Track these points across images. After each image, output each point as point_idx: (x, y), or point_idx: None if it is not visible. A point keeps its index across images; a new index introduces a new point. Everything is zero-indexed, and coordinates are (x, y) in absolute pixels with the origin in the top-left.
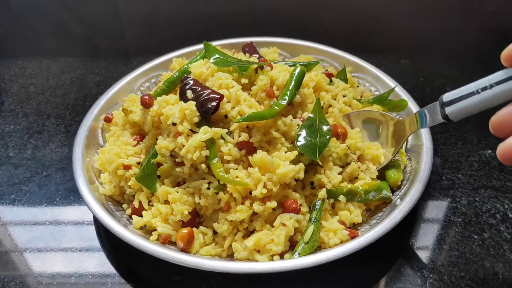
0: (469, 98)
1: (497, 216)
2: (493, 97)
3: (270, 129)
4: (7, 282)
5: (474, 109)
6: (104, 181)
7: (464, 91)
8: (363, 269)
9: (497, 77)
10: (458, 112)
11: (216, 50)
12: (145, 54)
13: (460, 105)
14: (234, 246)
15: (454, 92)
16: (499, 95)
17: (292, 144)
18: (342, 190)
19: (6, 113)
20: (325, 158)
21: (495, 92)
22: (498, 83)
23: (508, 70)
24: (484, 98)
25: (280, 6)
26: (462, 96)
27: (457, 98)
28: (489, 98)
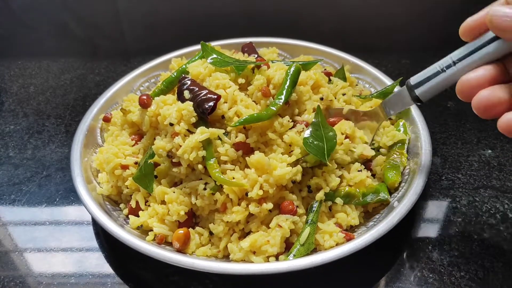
0: (436, 77)
1: (497, 216)
2: (458, 72)
3: (267, 130)
4: (7, 282)
5: (442, 87)
6: (101, 180)
7: (430, 72)
8: (363, 269)
9: (458, 53)
10: (427, 91)
11: (213, 50)
12: (145, 54)
13: (428, 85)
14: (230, 247)
15: (420, 75)
16: (462, 69)
17: (290, 146)
18: (339, 193)
19: (6, 113)
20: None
21: (459, 67)
22: (460, 59)
23: (467, 46)
24: (450, 75)
25: (280, 6)
26: (428, 76)
27: (425, 79)
28: (454, 74)
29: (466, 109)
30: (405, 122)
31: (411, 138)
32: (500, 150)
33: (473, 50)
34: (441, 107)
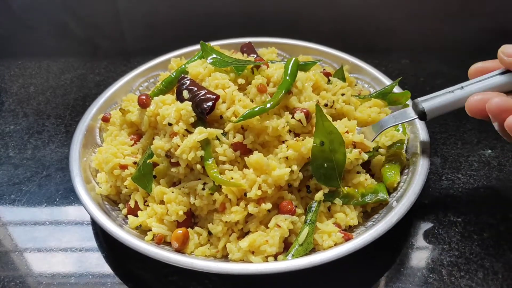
0: (444, 95)
1: (497, 216)
2: (465, 94)
3: (263, 131)
4: (7, 282)
5: (448, 106)
6: (100, 180)
7: (437, 94)
8: (362, 269)
9: (467, 82)
10: (434, 107)
11: (213, 49)
12: (145, 54)
13: (436, 101)
14: (229, 247)
15: (427, 96)
16: (469, 92)
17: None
18: (338, 193)
19: (6, 113)
20: None
21: (466, 90)
22: (468, 85)
23: (474, 79)
24: (457, 95)
25: (280, 6)
26: (436, 95)
27: (432, 97)
28: (461, 95)
29: None
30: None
31: (410, 138)
32: (500, 150)
33: (482, 79)
34: None
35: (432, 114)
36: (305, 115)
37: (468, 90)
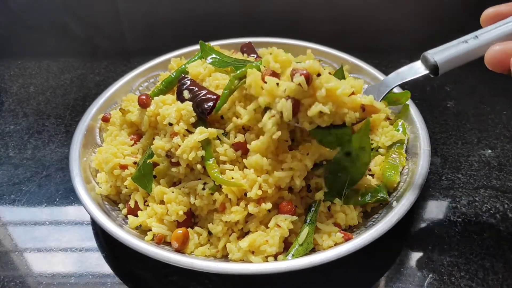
0: (457, 47)
1: (497, 216)
2: (480, 44)
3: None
4: (7, 282)
5: (463, 58)
6: (100, 180)
7: (450, 45)
8: (363, 269)
9: (481, 31)
10: (447, 60)
11: (212, 49)
12: (145, 54)
13: (449, 52)
14: (229, 247)
15: (439, 47)
16: (486, 42)
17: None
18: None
19: (6, 113)
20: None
21: (481, 39)
22: (483, 33)
23: (489, 27)
24: (472, 46)
25: (279, 6)
26: (449, 47)
27: (445, 49)
28: (476, 45)
29: (466, 109)
30: (404, 122)
31: (410, 138)
32: (500, 150)
33: (498, 26)
34: (441, 107)
35: (445, 67)
36: (305, 78)
37: (483, 39)
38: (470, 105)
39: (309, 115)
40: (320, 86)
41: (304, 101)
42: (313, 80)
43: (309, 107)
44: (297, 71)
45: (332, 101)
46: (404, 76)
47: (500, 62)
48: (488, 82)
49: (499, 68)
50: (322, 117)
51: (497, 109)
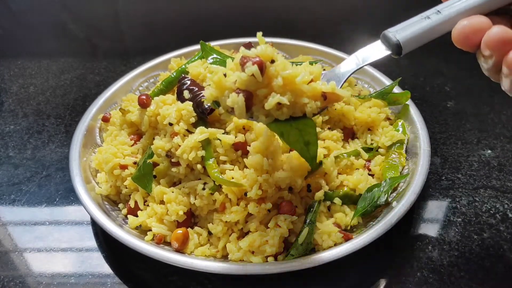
0: (420, 24)
1: (497, 216)
2: (444, 19)
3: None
4: (7, 282)
5: (427, 35)
6: (100, 180)
7: (411, 21)
8: (363, 269)
9: (443, 5)
10: (410, 38)
11: (212, 49)
12: (145, 54)
13: (412, 30)
14: (229, 247)
15: (399, 24)
16: (450, 17)
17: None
18: (338, 193)
19: (6, 113)
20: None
21: (444, 14)
22: (445, 7)
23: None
24: (435, 21)
25: (279, 6)
26: (410, 24)
27: (407, 26)
28: (440, 21)
29: (466, 109)
30: (404, 122)
31: (410, 138)
32: (500, 150)
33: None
34: (441, 107)
35: (409, 46)
36: (258, 67)
37: (447, 14)
38: (470, 105)
39: (266, 108)
40: (275, 74)
41: (258, 92)
42: (267, 67)
43: (265, 99)
44: (248, 59)
45: (290, 91)
46: (365, 58)
47: (467, 39)
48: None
49: (467, 45)
50: (281, 109)
51: (496, 109)
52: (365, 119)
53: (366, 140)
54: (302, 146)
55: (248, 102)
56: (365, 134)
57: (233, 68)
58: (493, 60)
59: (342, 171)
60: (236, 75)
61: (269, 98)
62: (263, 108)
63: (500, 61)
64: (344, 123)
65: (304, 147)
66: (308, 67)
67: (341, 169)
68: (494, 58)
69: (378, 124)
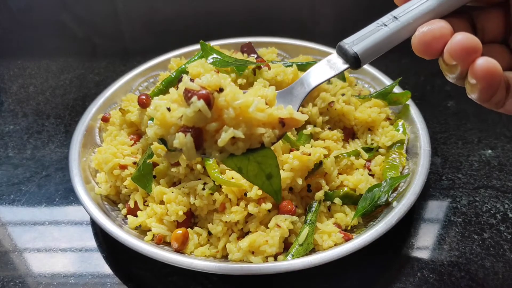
0: (377, 33)
1: (497, 216)
2: (402, 25)
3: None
4: (7, 282)
5: (385, 44)
6: (100, 180)
7: (367, 30)
8: (363, 269)
9: (398, 10)
10: (368, 49)
11: (212, 49)
12: (145, 54)
13: (370, 40)
14: (229, 247)
15: (354, 35)
16: (408, 23)
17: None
18: (338, 193)
19: (5, 113)
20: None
21: (402, 21)
22: (402, 14)
23: (406, 4)
24: (393, 29)
25: (280, 5)
26: (366, 33)
27: (363, 36)
28: (398, 28)
29: (467, 108)
30: (404, 122)
31: (410, 138)
32: (500, 150)
33: (415, 4)
34: (441, 107)
35: (367, 58)
36: (205, 101)
37: (404, 21)
38: (470, 104)
39: (220, 145)
40: (226, 105)
41: (208, 127)
42: (215, 99)
43: (217, 133)
44: (192, 93)
45: (244, 121)
46: (323, 75)
47: (429, 47)
48: None
49: (429, 53)
50: (236, 144)
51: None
52: (365, 119)
53: (366, 140)
54: (264, 181)
55: (197, 141)
56: (365, 134)
57: (177, 99)
58: (458, 70)
59: (342, 171)
60: (182, 110)
61: (221, 132)
62: (216, 144)
63: (465, 70)
64: (344, 123)
65: (266, 181)
66: (261, 91)
67: (341, 169)
68: (459, 68)
69: (378, 124)
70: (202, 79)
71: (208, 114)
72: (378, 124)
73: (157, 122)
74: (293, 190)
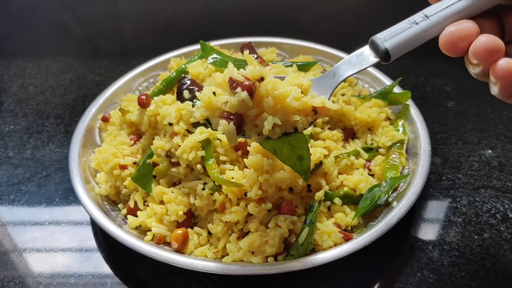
0: (408, 30)
1: (497, 216)
2: (432, 24)
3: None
4: (7, 282)
5: (415, 41)
6: (100, 180)
7: (399, 26)
8: (363, 269)
9: (430, 9)
10: (398, 45)
11: (212, 49)
12: (145, 54)
13: (400, 37)
14: (228, 247)
15: (387, 31)
16: (438, 23)
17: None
18: (338, 193)
19: (5, 113)
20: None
21: (433, 20)
22: (434, 13)
23: (439, 3)
24: (423, 27)
25: (280, 5)
26: (398, 30)
27: (394, 33)
28: (428, 26)
29: (467, 109)
30: (404, 122)
31: (410, 138)
32: (500, 150)
33: (449, 3)
34: (441, 107)
35: (397, 53)
36: (248, 92)
37: (435, 20)
38: (470, 105)
39: (265, 134)
40: (266, 94)
41: (249, 113)
42: (256, 88)
43: (256, 118)
44: (237, 83)
45: (281, 109)
46: (355, 65)
47: (454, 46)
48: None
49: (454, 52)
50: (274, 129)
51: (497, 109)
52: (365, 119)
53: (366, 140)
54: (295, 161)
55: (239, 127)
56: (365, 134)
57: (222, 84)
58: (481, 68)
59: (342, 171)
60: (226, 97)
61: (261, 117)
62: (255, 127)
63: (487, 69)
64: (344, 123)
65: (297, 161)
66: (297, 80)
67: (341, 169)
68: (481, 66)
69: (378, 124)
70: (246, 70)
71: (250, 103)
72: (378, 124)
73: (203, 105)
74: (293, 190)
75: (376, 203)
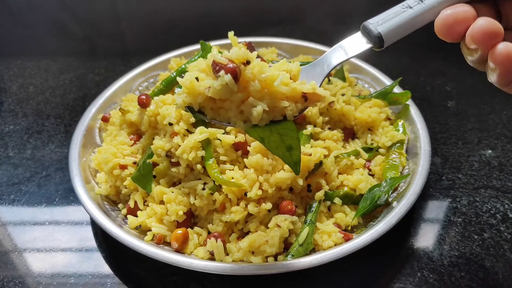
0: (402, 14)
1: (497, 216)
2: (427, 8)
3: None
4: (7, 282)
5: (409, 26)
6: (100, 180)
7: (392, 12)
8: (363, 269)
9: None
10: (392, 29)
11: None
12: (145, 54)
13: (394, 21)
14: (228, 247)
15: (380, 15)
16: (431, 5)
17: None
18: (338, 193)
19: (5, 113)
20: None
21: (427, 4)
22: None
23: None
24: (417, 11)
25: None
26: (391, 15)
27: (388, 17)
28: (423, 10)
29: (467, 109)
30: (404, 122)
31: (410, 138)
32: (500, 150)
33: None
34: (441, 107)
35: (391, 38)
36: (232, 76)
37: (429, 3)
38: (470, 105)
39: (254, 122)
40: (252, 78)
41: (234, 97)
42: (242, 71)
43: (241, 103)
44: (220, 66)
45: (268, 94)
46: (347, 52)
47: (451, 30)
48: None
49: (451, 36)
50: (260, 115)
51: (497, 109)
52: (365, 119)
53: (366, 140)
54: (284, 152)
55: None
56: (365, 134)
57: (205, 69)
58: (479, 53)
59: (342, 171)
60: (209, 82)
61: (247, 104)
62: (241, 114)
63: (486, 54)
64: (344, 123)
65: (287, 152)
66: (285, 66)
67: (341, 169)
68: (479, 52)
69: (378, 124)
70: (230, 52)
71: (234, 88)
72: (378, 124)
73: (185, 91)
74: (293, 190)
75: (376, 203)
